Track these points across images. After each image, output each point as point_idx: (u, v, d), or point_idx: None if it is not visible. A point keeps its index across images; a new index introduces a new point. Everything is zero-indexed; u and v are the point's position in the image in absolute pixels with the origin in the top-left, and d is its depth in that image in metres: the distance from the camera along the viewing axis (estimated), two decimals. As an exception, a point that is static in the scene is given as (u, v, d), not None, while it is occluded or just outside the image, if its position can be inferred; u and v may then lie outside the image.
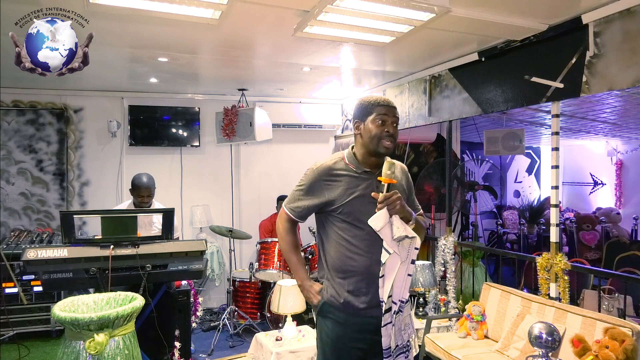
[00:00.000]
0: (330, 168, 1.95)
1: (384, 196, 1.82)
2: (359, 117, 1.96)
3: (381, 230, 1.80)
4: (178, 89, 5.30)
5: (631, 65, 2.59)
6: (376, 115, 1.90)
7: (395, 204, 1.83)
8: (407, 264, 1.87)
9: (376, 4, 2.46)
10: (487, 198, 6.58)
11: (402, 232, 1.82)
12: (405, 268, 1.87)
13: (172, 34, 3.17)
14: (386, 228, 1.81)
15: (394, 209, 1.83)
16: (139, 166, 5.04)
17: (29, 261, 2.48)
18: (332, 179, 1.93)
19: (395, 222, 1.83)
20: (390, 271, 1.83)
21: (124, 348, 2.13)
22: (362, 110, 1.95)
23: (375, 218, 1.81)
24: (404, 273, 1.87)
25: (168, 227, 2.86)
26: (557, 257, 3.11)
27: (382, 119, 1.90)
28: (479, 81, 3.75)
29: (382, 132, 1.89)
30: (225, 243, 5.34)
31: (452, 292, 4.12)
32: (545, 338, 2.46)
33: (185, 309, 3.57)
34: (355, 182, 1.93)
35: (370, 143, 1.91)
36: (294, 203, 2.01)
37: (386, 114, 1.91)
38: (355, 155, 1.98)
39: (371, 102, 1.94)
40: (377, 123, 1.89)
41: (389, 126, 1.90)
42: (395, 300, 1.87)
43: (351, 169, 1.95)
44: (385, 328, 1.85)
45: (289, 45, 3.43)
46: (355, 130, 1.98)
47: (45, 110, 5.05)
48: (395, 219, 1.83)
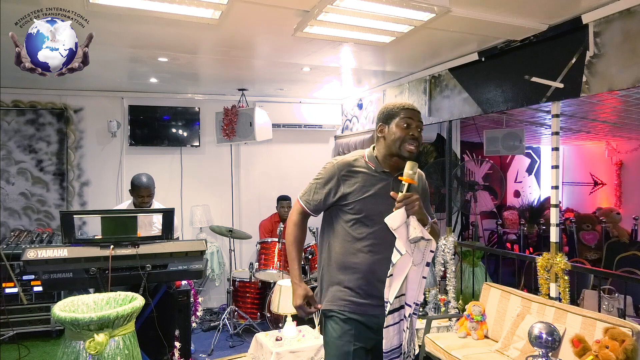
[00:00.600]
0: (350, 164, 1.96)
1: (403, 195, 1.81)
2: (383, 121, 1.97)
3: (397, 229, 1.79)
4: (178, 89, 5.30)
5: (631, 65, 2.59)
6: (401, 119, 1.91)
7: (414, 204, 1.82)
8: (422, 266, 1.86)
9: (376, 4, 2.46)
10: (487, 198, 6.58)
11: (419, 233, 1.80)
12: (420, 270, 1.85)
13: (172, 34, 3.17)
14: (402, 228, 1.80)
15: (412, 209, 1.82)
16: (139, 166, 5.04)
17: (29, 261, 2.48)
18: (350, 174, 1.94)
19: (412, 222, 1.81)
20: (400, 272, 1.80)
21: (124, 348, 2.14)
22: (387, 113, 1.96)
23: (392, 216, 1.80)
24: (419, 275, 1.86)
25: (168, 227, 2.86)
26: (557, 257, 3.11)
27: (407, 122, 1.91)
28: (479, 81, 3.75)
29: (407, 135, 1.90)
30: (225, 243, 5.34)
31: (452, 292, 4.12)
32: (545, 338, 2.46)
33: (185, 309, 3.57)
34: (372, 181, 1.93)
35: (393, 145, 1.91)
36: (310, 195, 1.99)
37: (411, 118, 1.92)
38: (376, 155, 1.99)
39: (397, 106, 1.95)
40: (402, 126, 1.90)
41: (414, 130, 1.91)
42: (410, 302, 1.85)
43: (370, 167, 1.96)
44: (387, 330, 1.82)
45: (289, 45, 3.43)
46: (379, 133, 1.99)
47: (45, 110, 5.05)
48: (412, 219, 1.82)
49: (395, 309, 1.84)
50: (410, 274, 1.82)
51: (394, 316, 1.84)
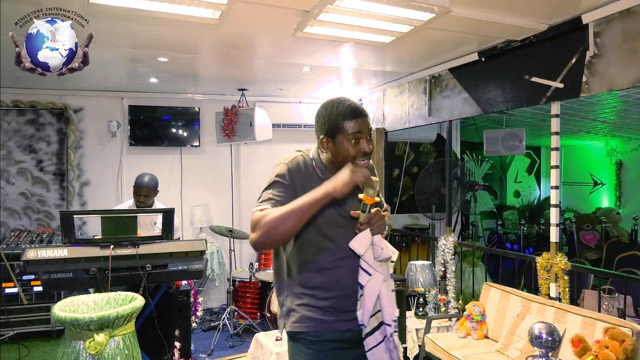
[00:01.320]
0: (301, 165, 1.66)
1: (367, 217, 1.58)
2: (326, 133, 1.61)
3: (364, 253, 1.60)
4: (178, 89, 5.30)
5: (631, 65, 2.59)
6: (348, 134, 1.58)
7: (379, 223, 1.59)
8: (389, 280, 1.68)
9: (376, 4, 2.46)
10: (487, 198, 6.58)
11: (388, 253, 1.63)
12: (389, 285, 1.68)
13: (172, 34, 3.17)
14: (369, 250, 1.60)
15: (377, 229, 1.60)
16: (139, 166, 5.04)
17: (29, 261, 2.49)
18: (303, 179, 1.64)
19: (378, 242, 1.62)
20: (372, 293, 1.62)
21: (124, 348, 2.13)
22: (330, 126, 1.60)
23: (357, 241, 1.59)
24: (390, 290, 1.68)
25: (168, 227, 2.86)
26: (557, 257, 3.11)
27: (356, 137, 1.58)
28: (479, 81, 3.75)
29: (358, 152, 1.59)
30: (225, 243, 5.34)
31: (452, 292, 4.12)
32: (545, 338, 2.46)
33: (185, 309, 3.57)
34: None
35: (344, 163, 1.59)
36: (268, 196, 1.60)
37: (360, 131, 1.58)
38: (322, 160, 1.68)
39: (340, 114, 1.59)
40: (350, 143, 1.58)
41: (364, 144, 1.59)
42: (389, 320, 1.67)
43: (317, 174, 1.66)
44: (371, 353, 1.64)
45: (289, 45, 3.43)
46: (322, 147, 1.65)
47: (45, 110, 5.05)
48: (378, 238, 1.62)
49: (374, 328, 1.65)
50: (383, 291, 1.64)
51: (375, 336, 1.65)
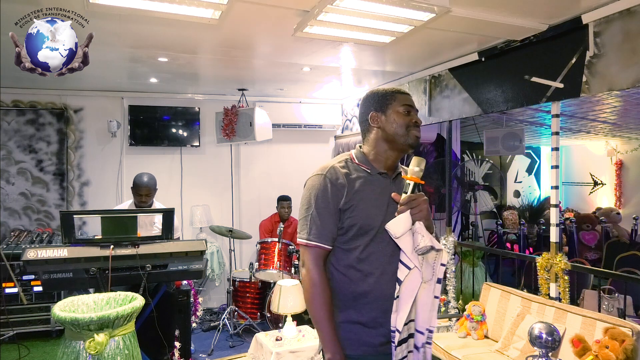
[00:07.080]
0: (338, 170, 1.59)
1: (408, 197, 1.50)
2: (377, 108, 1.64)
3: (401, 237, 1.46)
4: (178, 89, 5.30)
5: (631, 65, 2.59)
6: (400, 105, 1.63)
7: (421, 207, 1.50)
8: (432, 283, 1.50)
9: (376, 4, 2.46)
10: (487, 198, 6.59)
11: (428, 242, 1.46)
12: (431, 288, 1.50)
13: (172, 34, 3.17)
14: (407, 236, 1.46)
15: (419, 214, 1.49)
16: (139, 166, 5.04)
17: (29, 261, 2.49)
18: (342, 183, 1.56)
19: (418, 229, 1.47)
20: (409, 292, 1.46)
21: (124, 348, 2.14)
22: (380, 100, 1.65)
23: (394, 222, 1.47)
24: (431, 295, 1.50)
25: (168, 227, 2.86)
26: (557, 257, 3.11)
27: (407, 109, 1.63)
28: (479, 81, 3.75)
29: (410, 121, 1.62)
30: (225, 243, 5.34)
31: (452, 292, 4.12)
32: (545, 338, 2.46)
33: (185, 309, 3.57)
34: (368, 186, 1.58)
35: (397, 135, 1.60)
36: (317, 227, 1.53)
37: (410, 104, 1.65)
38: (365, 155, 1.66)
39: (389, 91, 1.67)
40: (403, 113, 1.62)
41: (415, 117, 1.64)
42: (421, 328, 1.50)
43: (364, 170, 1.62)
44: None
45: (289, 45, 3.43)
46: (373, 123, 1.64)
47: (45, 110, 5.05)
48: (419, 225, 1.48)
49: (404, 339, 1.48)
50: (421, 294, 1.48)
51: (402, 349, 1.48)
